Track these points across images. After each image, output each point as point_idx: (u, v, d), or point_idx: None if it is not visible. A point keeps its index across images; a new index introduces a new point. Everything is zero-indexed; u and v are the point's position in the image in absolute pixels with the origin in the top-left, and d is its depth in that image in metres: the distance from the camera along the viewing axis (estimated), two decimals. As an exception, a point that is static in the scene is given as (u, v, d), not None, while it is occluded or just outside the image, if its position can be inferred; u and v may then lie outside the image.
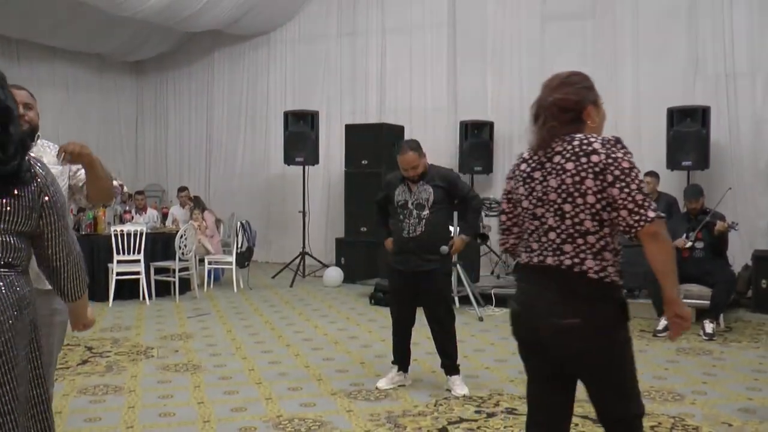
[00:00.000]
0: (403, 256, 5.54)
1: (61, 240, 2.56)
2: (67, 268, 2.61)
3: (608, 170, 2.65)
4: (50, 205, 2.49)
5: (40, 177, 2.46)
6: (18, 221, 2.40)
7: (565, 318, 2.64)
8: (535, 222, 2.77)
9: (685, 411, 5.03)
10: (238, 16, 12.78)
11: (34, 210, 2.44)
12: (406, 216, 5.48)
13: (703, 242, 7.51)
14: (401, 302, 5.67)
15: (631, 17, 10.95)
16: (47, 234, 2.51)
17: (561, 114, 2.83)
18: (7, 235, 2.38)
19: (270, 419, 4.90)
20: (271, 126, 13.63)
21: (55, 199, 2.51)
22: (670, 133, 9.82)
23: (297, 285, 11.01)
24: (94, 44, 13.51)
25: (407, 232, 5.46)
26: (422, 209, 5.44)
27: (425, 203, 5.44)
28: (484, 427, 4.70)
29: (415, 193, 5.47)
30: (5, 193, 2.36)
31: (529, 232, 2.82)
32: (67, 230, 2.60)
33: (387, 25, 12.84)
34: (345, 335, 7.63)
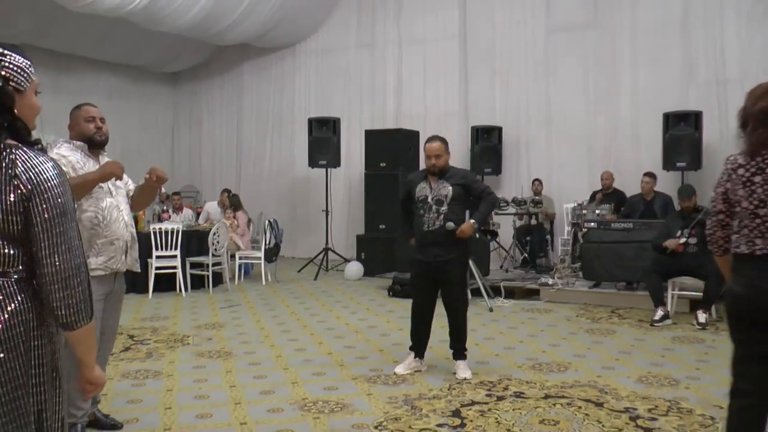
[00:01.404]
0: (423, 247, 5.58)
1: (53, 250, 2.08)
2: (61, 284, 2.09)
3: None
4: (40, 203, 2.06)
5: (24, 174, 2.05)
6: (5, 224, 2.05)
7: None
8: (757, 220, 2.93)
9: (680, 395, 5.03)
10: (265, 31, 12.83)
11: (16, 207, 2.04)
12: (426, 211, 5.52)
13: (696, 238, 7.48)
14: (421, 290, 5.71)
15: (629, 29, 10.95)
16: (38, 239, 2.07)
17: None
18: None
19: (296, 401, 4.94)
20: (296, 132, 13.68)
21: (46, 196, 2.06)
22: (666, 136, 9.81)
23: (320, 278, 11.04)
24: (134, 57, 13.61)
25: (427, 226, 5.51)
26: (441, 204, 5.47)
27: (444, 199, 5.47)
28: (494, 410, 4.72)
29: (435, 189, 5.51)
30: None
31: (750, 228, 2.96)
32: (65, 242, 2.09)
33: (403, 37, 12.86)
34: (365, 325, 7.66)
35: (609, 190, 10.31)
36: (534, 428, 4.34)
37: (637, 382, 5.35)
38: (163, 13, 10.44)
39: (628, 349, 6.44)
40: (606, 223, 9.07)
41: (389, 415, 4.64)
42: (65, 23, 11.12)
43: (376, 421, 4.50)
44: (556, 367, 5.85)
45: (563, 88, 11.44)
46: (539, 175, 11.21)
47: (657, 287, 7.61)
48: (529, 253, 10.68)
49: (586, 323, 7.63)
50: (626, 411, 4.66)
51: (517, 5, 11.82)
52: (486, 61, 12.05)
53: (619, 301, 8.57)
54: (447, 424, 4.45)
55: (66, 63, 12.94)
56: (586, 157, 11.25)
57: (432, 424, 4.46)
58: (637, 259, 8.29)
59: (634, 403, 4.83)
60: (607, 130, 11.14)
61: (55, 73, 12.77)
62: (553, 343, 6.71)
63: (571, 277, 9.37)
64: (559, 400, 4.91)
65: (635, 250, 8.40)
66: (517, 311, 8.32)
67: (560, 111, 11.46)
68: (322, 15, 13.58)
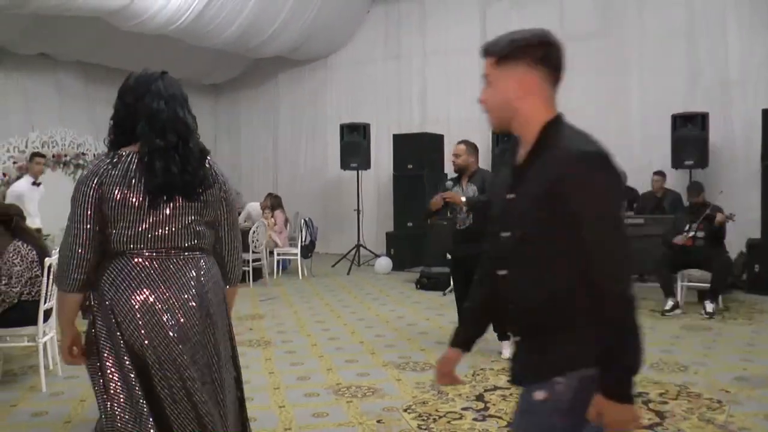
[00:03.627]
0: (456, 245, 5.76)
1: (230, 230, 2.65)
2: (233, 255, 2.69)
3: None
4: (227, 201, 2.59)
5: (220, 177, 2.57)
6: (207, 214, 2.52)
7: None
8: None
9: (689, 380, 5.00)
10: (299, 44, 12.88)
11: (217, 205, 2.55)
12: (457, 211, 5.67)
13: (704, 232, 7.42)
14: (459, 282, 5.84)
15: (638, 36, 10.86)
16: (222, 224, 2.60)
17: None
18: (199, 225, 2.50)
19: (330, 386, 4.98)
20: (329, 137, 13.71)
21: (230, 197, 2.61)
22: (674, 136, 9.70)
23: (353, 272, 11.09)
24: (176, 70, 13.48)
25: (458, 225, 5.68)
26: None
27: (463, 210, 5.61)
28: (515, 394, 4.70)
29: (465, 192, 5.64)
30: (197, 197, 2.47)
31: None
32: (236, 223, 2.69)
33: (427, 49, 12.86)
34: (394, 315, 7.68)
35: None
36: (552, 411, 4.33)
37: (649, 368, 5.32)
38: (205, 29, 10.53)
39: (640, 337, 6.39)
40: (618, 219, 8.99)
41: (417, 399, 4.66)
42: (117, 41, 11.25)
43: (405, 405, 4.53)
44: (572, 354, 5.82)
45: (575, 93, 11.30)
46: (555, 175, 11.12)
47: (667, 279, 7.55)
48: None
49: (600, 313, 7.58)
50: (639, 395, 4.63)
51: (531, 18, 11.72)
52: (504, 70, 11.99)
53: (631, 292, 8.49)
54: (471, 407, 4.47)
55: (117, 77, 12.94)
56: (599, 157, 11.14)
57: (457, 407, 4.47)
58: (648, 253, 8.21)
59: (647, 387, 4.81)
60: (618, 131, 11.02)
61: (108, 88, 12.83)
62: (569, 332, 6.68)
63: (585, 269, 9.30)
64: (575, 385, 4.89)
65: (646, 244, 8.32)
66: (536, 302, 8.27)
67: (573, 114, 10.95)
68: (352, 29, 13.61)
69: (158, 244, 2.42)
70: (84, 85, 12.47)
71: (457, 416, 4.31)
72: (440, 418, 4.27)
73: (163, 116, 2.43)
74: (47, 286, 4.88)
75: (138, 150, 2.41)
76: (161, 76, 2.54)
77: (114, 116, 2.54)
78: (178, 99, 2.51)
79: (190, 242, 2.47)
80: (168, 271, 2.43)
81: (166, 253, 2.44)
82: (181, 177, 2.41)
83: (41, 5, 8.54)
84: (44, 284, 4.86)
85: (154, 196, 2.38)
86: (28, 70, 11.50)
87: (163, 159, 2.38)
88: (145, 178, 2.37)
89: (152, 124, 2.41)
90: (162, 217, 2.40)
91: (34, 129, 11.49)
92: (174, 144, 2.41)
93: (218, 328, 2.53)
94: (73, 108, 12.21)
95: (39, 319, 4.89)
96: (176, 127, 2.44)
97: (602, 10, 11.15)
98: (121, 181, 2.37)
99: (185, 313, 2.42)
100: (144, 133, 2.41)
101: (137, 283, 2.39)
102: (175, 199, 2.42)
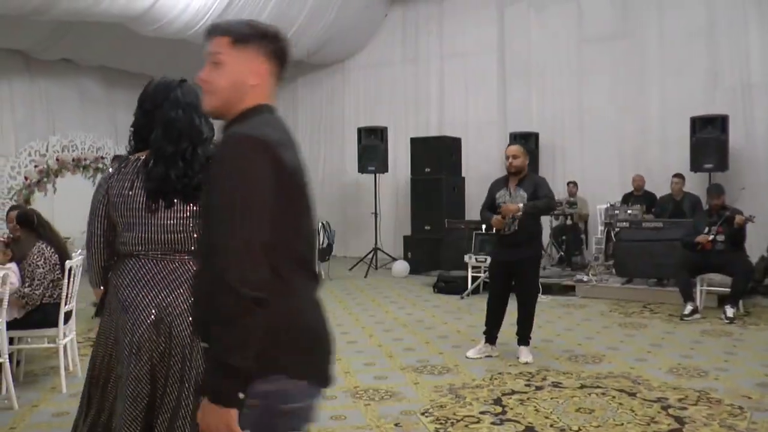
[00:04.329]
0: (501, 248, 5.80)
1: None
2: None
3: None
4: None
5: None
6: None
7: None
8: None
9: (709, 386, 4.95)
10: (316, 48, 12.91)
11: None
12: (504, 216, 5.62)
13: (723, 235, 7.35)
14: (497, 285, 5.88)
15: (657, 37, 10.79)
16: None
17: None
18: None
19: (348, 389, 4.98)
20: (347, 140, 13.73)
21: None
22: (693, 139, 9.63)
23: (370, 276, 11.08)
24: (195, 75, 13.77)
25: (504, 230, 5.66)
26: (517, 212, 5.57)
27: (517, 217, 5.58)
28: (533, 398, 4.70)
29: (514, 196, 5.62)
30: (195, 199, 2.49)
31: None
32: None
33: (444, 51, 12.85)
34: (412, 319, 7.67)
35: (640, 192, 10.17)
36: (570, 416, 4.32)
37: (668, 373, 5.28)
38: (225, 34, 10.58)
39: (659, 342, 6.35)
40: (637, 223, 8.96)
41: (435, 402, 4.65)
42: (138, 46, 11.34)
43: (423, 408, 4.52)
44: (591, 358, 5.80)
45: (595, 95, 11.32)
46: (574, 178, 11.09)
47: (686, 283, 7.49)
48: (564, 251, 10.59)
49: (619, 317, 7.54)
50: (658, 400, 4.60)
51: (551, 20, 11.73)
52: (523, 72, 11.97)
53: (650, 296, 8.44)
54: (489, 411, 4.45)
55: (138, 82, 13.04)
56: (618, 160, 11.10)
57: (475, 411, 4.46)
58: (667, 257, 8.16)
59: (666, 393, 4.77)
60: (637, 134, 10.99)
61: (129, 91, 12.95)
62: (588, 336, 6.65)
63: (604, 274, 9.28)
64: (594, 389, 4.87)
65: (665, 248, 8.27)
66: (554, 306, 8.25)
67: (593, 117, 11.33)
68: (370, 33, 13.62)
69: (163, 247, 2.48)
70: (105, 90, 12.60)
71: (474, 420, 4.29)
72: (458, 422, 4.25)
73: (179, 124, 2.48)
74: (68, 289, 4.94)
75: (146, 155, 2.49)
76: (180, 84, 2.57)
77: (134, 123, 2.61)
78: (196, 107, 2.53)
79: (189, 244, 2.52)
80: (174, 273, 2.48)
81: (171, 255, 2.50)
82: (180, 181, 2.46)
83: (65, 11, 8.63)
84: (65, 287, 4.91)
85: (150, 198, 2.45)
86: (51, 75, 11.65)
87: (164, 165, 2.44)
88: (143, 181, 2.46)
89: (168, 131, 2.47)
90: (165, 220, 2.46)
91: (55, 133, 11.61)
92: (183, 150, 2.46)
93: None
94: (93, 112, 12.34)
95: (60, 321, 4.94)
96: (191, 135, 2.49)
97: (621, 11, 11.09)
98: (124, 185, 2.46)
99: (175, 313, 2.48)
100: (156, 140, 2.47)
101: (142, 284, 2.45)
102: (175, 202, 2.47)
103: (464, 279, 9.13)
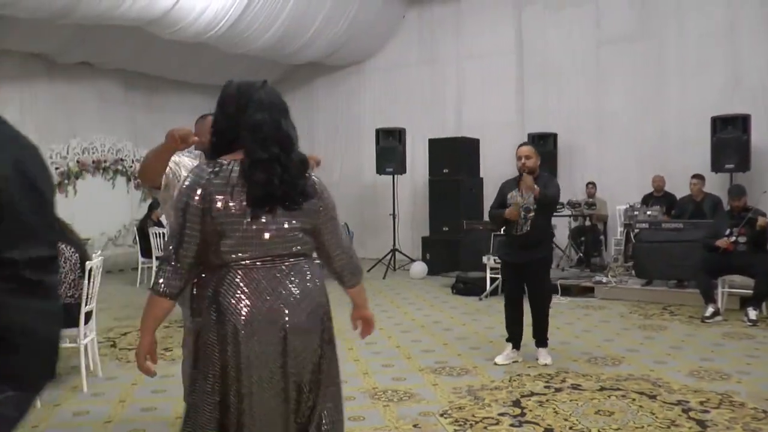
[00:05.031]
0: (512, 249, 5.70)
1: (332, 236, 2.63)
2: (341, 258, 2.71)
3: None
4: (325, 210, 2.57)
5: (318, 187, 2.55)
6: (306, 222, 2.48)
7: None
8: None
9: (731, 389, 4.89)
10: (334, 50, 12.94)
11: (315, 215, 2.52)
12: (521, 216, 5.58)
13: (745, 237, 7.27)
14: (511, 287, 5.83)
15: (676, 37, 10.71)
16: (322, 230, 2.58)
17: None
18: (299, 232, 2.47)
19: (367, 390, 4.98)
20: (364, 142, 13.74)
21: (327, 203, 2.58)
22: (714, 139, 9.54)
23: (388, 277, 11.07)
24: (214, 77, 13.79)
25: (516, 230, 5.60)
26: (529, 212, 5.54)
27: (531, 207, 5.54)
28: (552, 400, 4.67)
29: (525, 197, 5.56)
30: (297, 206, 2.45)
31: None
32: (338, 229, 2.66)
33: (462, 53, 12.83)
34: (430, 320, 7.65)
35: (660, 193, 10.10)
36: (590, 418, 4.29)
37: (689, 376, 5.23)
38: (241, 36, 10.63)
39: (680, 345, 6.29)
40: (657, 224, 8.89)
41: (454, 404, 4.64)
42: (156, 50, 11.45)
43: (442, 410, 4.51)
44: (610, 360, 5.75)
45: (614, 95, 11.25)
46: (592, 179, 11.03)
47: (707, 285, 7.41)
48: (583, 252, 10.52)
49: (638, 319, 7.48)
50: (679, 403, 4.56)
51: (568, 21, 11.67)
52: (540, 73, 11.93)
53: (670, 298, 8.38)
54: (508, 413, 4.43)
55: (156, 84, 13.28)
56: (637, 161, 11.02)
57: (494, 413, 4.44)
58: (687, 258, 8.09)
59: (686, 396, 4.73)
60: (656, 135, 10.90)
61: (148, 94, 13.13)
62: (607, 338, 6.61)
63: (623, 275, 9.21)
64: (613, 392, 4.83)
65: (685, 249, 8.20)
66: (573, 308, 8.21)
67: (611, 118, 11.27)
68: (387, 34, 13.63)
69: (262, 253, 2.40)
70: (124, 93, 12.71)
71: (493, 422, 4.27)
72: (476, 424, 4.24)
73: (266, 128, 2.41)
74: (88, 289, 4.99)
75: (240, 159, 2.40)
76: (263, 86, 2.50)
77: (214, 125, 2.51)
78: (281, 109, 2.48)
79: (292, 249, 2.46)
80: (275, 280, 2.42)
81: (270, 261, 2.42)
82: (280, 188, 2.40)
83: (85, 15, 8.71)
84: (85, 287, 4.96)
85: (256, 206, 2.37)
86: (72, 79, 11.77)
87: (265, 170, 2.37)
88: (247, 189, 2.36)
89: (255, 135, 2.40)
90: (263, 226, 2.39)
91: (75, 135, 11.72)
92: (276, 155, 2.40)
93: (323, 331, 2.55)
94: (112, 115, 12.45)
95: (80, 321, 4.98)
96: (279, 139, 2.43)
97: (640, 11, 11.02)
98: (223, 190, 2.35)
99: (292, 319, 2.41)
100: (247, 145, 2.39)
101: (243, 292, 2.37)
102: (275, 208, 2.41)
103: (482, 280, 9.10)
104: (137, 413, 4.57)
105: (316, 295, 2.51)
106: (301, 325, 2.41)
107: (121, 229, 12.35)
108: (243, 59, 12.31)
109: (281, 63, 13.32)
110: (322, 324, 2.54)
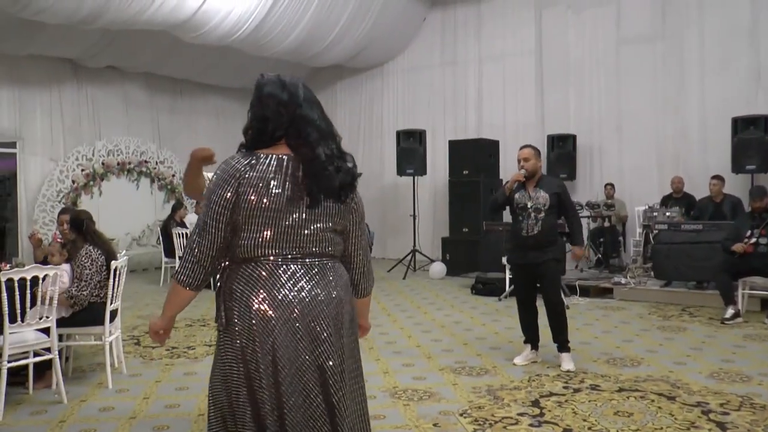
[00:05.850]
0: (522, 251, 5.60)
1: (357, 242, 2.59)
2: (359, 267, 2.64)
3: None
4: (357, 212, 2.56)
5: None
6: (339, 222, 2.46)
7: None
8: None
9: (753, 391, 4.84)
10: (356, 52, 12.98)
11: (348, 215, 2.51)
12: (524, 217, 5.53)
13: (766, 238, 7.18)
14: (523, 290, 5.74)
15: (697, 37, 10.60)
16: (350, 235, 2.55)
17: None
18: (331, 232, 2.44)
19: (387, 389, 4.99)
20: (385, 143, 13.76)
21: (360, 209, 2.59)
22: (735, 139, 9.44)
23: (408, 277, 11.08)
24: (237, 80, 13.92)
25: (525, 231, 5.52)
26: (539, 212, 5.49)
27: (542, 207, 5.48)
28: (571, 401, 4.66)
29: (533, 198, 5.51)
30: (339, 200, 2.43)
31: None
32: (364, 236, 2.62)
33: (482, 54, 12.80)
34: (450, 320, 7.65)
35: (679, 194, 10.01)
36: (608, 419, 4.27)
37: (709, 378, 5.18)
38: (265, 40, 10.69)
39: (699, 346, 6.24)
40: (676, 225, 8.82)
41: (473, 403, 4.64)
42: (180, 53, 11.55)
43: (461, 409, 4.51)
44: (629, 361, 5.72)
45: (633, 96, 11.17)
46: (611, 180, 10.96)
47: (727, 286, 7.33)
48: (602, 253, 10.46)
49: (657, 320, 7.43)
50: (698, 405, 4.52)
51: (588, 21, 11.61)
52: (560, 74, 11.88)
53: (689, 299, 8.30)
54: (527, 413, 4.42)
55: (180, 87, 13.40)
56: (656, 161, 10.94)
57: (513, 413, 4.43)
58: (706, 259, 8.02)
59: (706, 397, 4.69)
60: (676, 135, 10.81)
61: (172, 97, 13.26)
62: (626, 339, 6.57)
63: (642, 276, 9.15)
64: (632, 393, 4.81)
65: (705, 250, 8.12)
66: (592, 308, 8.17)
67: (631, 118, 11.19)
68: (409, 36, 13.64)
69: (292, 250, 2.36)
70: (148, 96, 12.84)
71: (512, 422, 4.27)
72: (496, 423, 4.23)
73: (321, 124, 2.42)
74: (113, 289, 5.06)
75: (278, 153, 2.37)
76: (301, 82, 2.48)
77: (253, 119, 2.43)
78: (319, 105, 2.49)
79: (323, 248, 2.42)
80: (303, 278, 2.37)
81: (301, 259, 2.38)
82: (342, 177, 2.42)
83: (113, 20, 8.81)
84: (110, 287, 5.03)
85: (312, 197, 2.35)
86: (98, 82, 11.93)
87: (331, 163, 2.39)
88: (316, 183, 2.35)
89: (314, 131, 2.39)
90: (297, 223, 2.35)
91: (101, 138, 11.86)
92: (333, 150, 2.42)
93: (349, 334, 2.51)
94: (137, 117, 12.60)
95: (105, 320, 5.05)
96: (333, 135, 2.46)
97: (660, 11, 10.93)
98: (258, 183, 2.30)
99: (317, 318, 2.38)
100: (308, 140, 2.37)
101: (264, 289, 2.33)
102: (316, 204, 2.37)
103: (502, 281, 9.08)
104: (161, 409, 4.62)
105: (343, 295, 2.47)
106: (327, 325, 2.38)
107: (145, 230, 12.46)
108: (266, 62, 12.36)
109: (304, 65, 13.37)
110: (351, 326, 2.51)
